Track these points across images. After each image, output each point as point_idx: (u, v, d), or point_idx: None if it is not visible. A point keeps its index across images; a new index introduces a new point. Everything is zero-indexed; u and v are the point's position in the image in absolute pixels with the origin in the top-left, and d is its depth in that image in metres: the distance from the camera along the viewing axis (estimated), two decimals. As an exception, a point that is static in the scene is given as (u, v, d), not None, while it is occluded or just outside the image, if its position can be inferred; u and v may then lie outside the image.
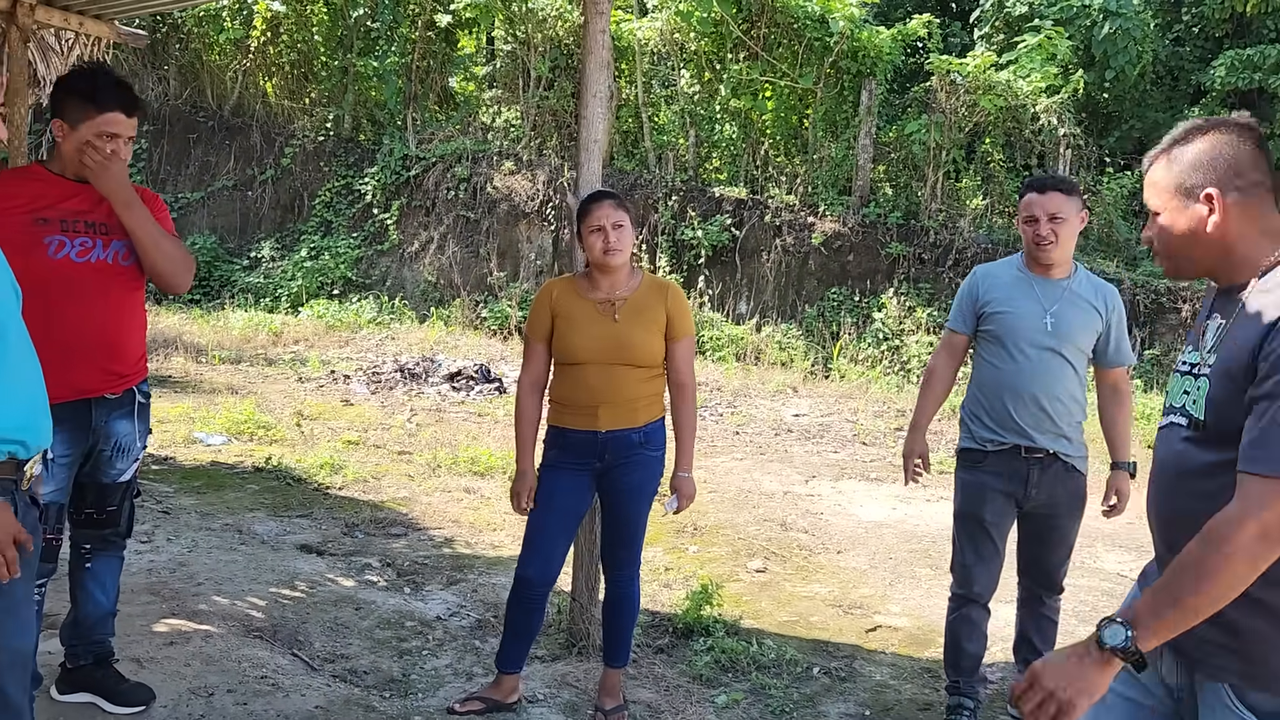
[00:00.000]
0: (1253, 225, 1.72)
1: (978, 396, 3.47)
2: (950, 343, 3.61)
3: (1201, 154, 1.75)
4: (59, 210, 2.92)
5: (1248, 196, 1.72)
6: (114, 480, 3.12)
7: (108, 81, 2.96)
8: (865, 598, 4.77)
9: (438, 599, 4.46)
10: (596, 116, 3.96)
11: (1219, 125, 1.77)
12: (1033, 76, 10.84)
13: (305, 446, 6.78)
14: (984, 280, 3.50)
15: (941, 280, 10.60)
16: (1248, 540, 1.54)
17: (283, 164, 12.96)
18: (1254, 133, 1.76)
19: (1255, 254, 1.71)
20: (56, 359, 2.90)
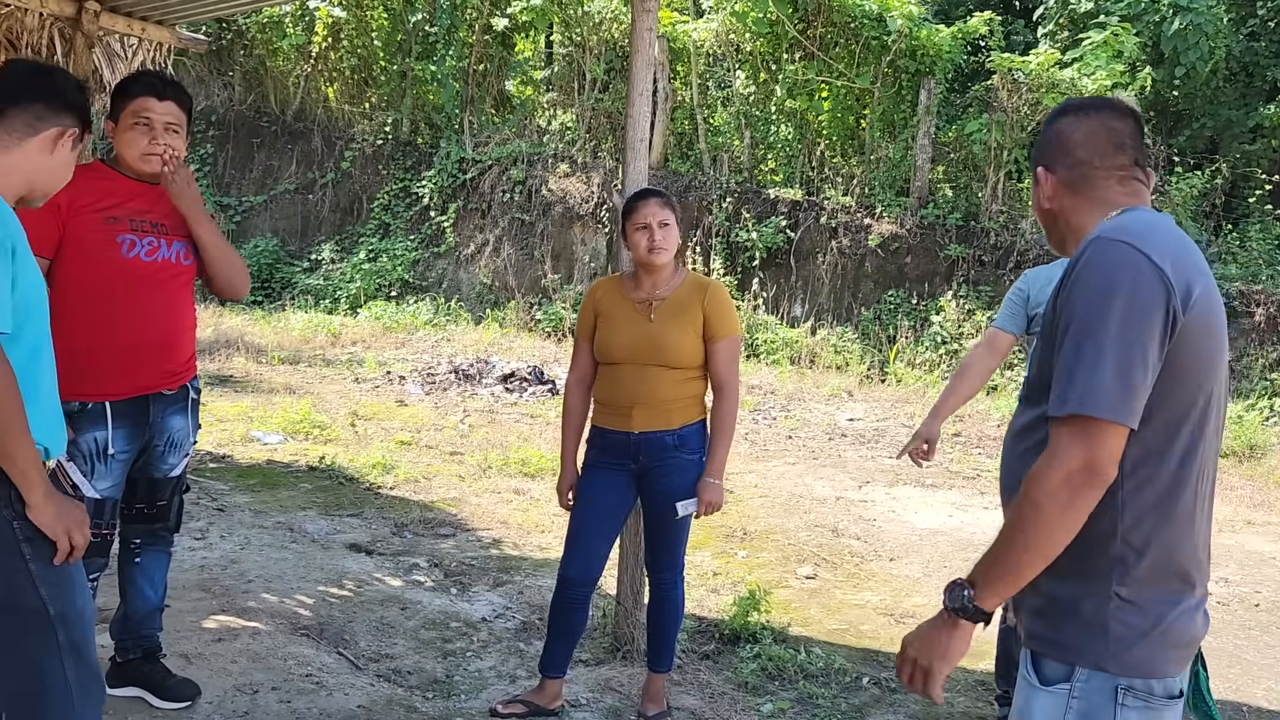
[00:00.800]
0: (1083, 202, 1.78)
1: None
2: (993, 340, 3.52)
3: (1051, 134, 1.84)
4: (125, 209, 2.98)
5: (1073, 174, 1.80)
6: (165, 475, 3.16)
7: (143, 74, 3.03)
8: (918, 607, 4.66)
9: (484, 600, 4.45)
10: (642, 115, 3.93)
11: (1072, 108, 1.85)
12: (1098, 74, 10.56)
13: (359, 446, 6.84)
14: (1035, 281, 3.40)
15: (1002, 283, 10.37)
16: (1054, 487, 1.53)
17: (343, 167, 13.15)
18: (1115, 112, 1.81)
19: (1088, 226, 1.75)
20: (124, 357, 2.95)
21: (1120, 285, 1.56)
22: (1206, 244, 10.75)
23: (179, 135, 3.06)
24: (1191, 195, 10.70)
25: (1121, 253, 1.58)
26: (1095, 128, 1.81)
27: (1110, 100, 1.88)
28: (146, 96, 2.98)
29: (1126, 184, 1.80)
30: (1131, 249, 1.59)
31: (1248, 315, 9.60)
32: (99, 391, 2.93)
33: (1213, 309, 1.67)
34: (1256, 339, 9.46)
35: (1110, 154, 1.79)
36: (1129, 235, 1.61)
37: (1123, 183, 1.79)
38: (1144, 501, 1.60)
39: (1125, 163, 1.80)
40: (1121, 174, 1.80)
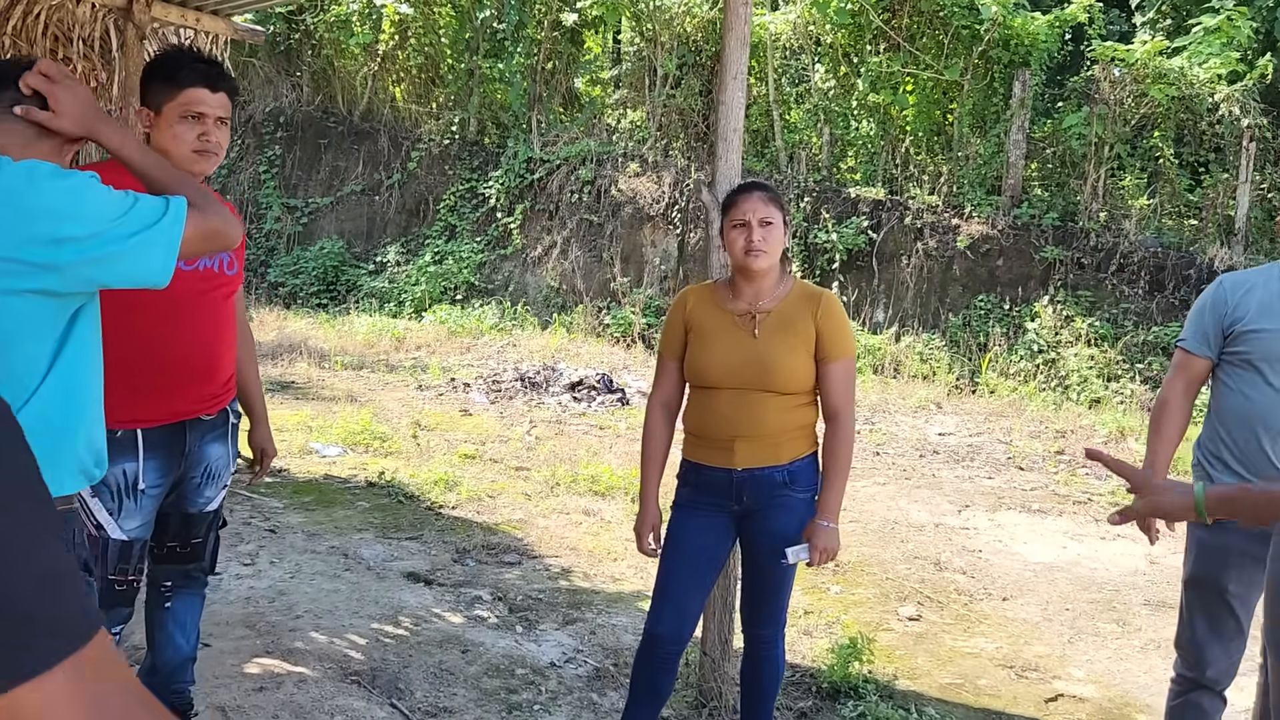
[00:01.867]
0: None
1: (1220, 434, 2.82)
2: (1187, 368, 2.93)
3: None
4: None
5: None
6: (201, 509, 2.78)
7: (189, 58, 2.62)
8: (1041, 658, 4.11)
9: (552, 640, 4.02)
10: (736, 102, 3.46)
11: None
12: (1210, 63, 9.81)
13: (420, 459, 6.48)
14: (1234, 291, 2.83)
15: (1103, 287, 9.68)
16: None
17: (409, 168, 12.90)
18: None
19: None
20: (158, 378, 2.57)
21: None
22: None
23: (226, 128, 2.67)
24: (1315, 193, 9.89)
25: None
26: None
27: None
28: (199, 87, 2.56)
29: None
30: None
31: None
32: (130, 418, 2.54)
33: None
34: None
35: None
36: None
37: None
38: None
39: None
40: None
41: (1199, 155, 10.27)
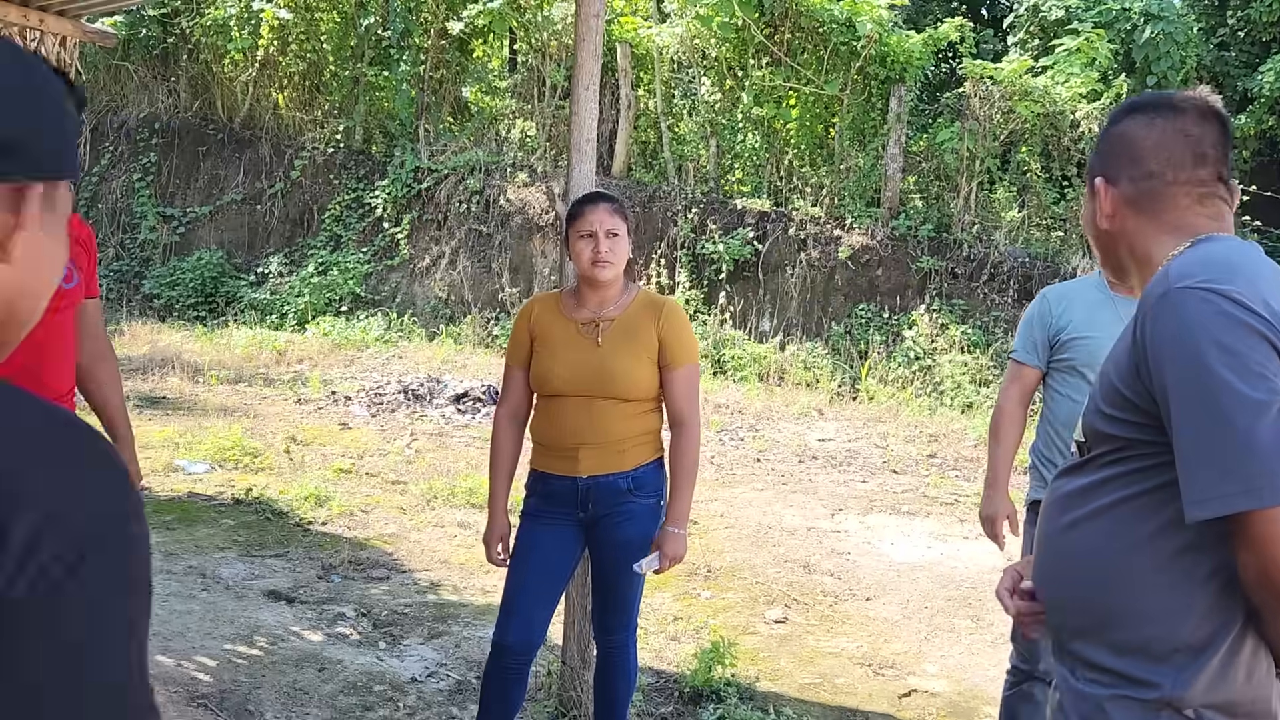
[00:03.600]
0: (1151, 224, 1.48)
1: (1052, 437, 2.96)
2: (1019, 377, 3.07)
3: (1112, 137, 1.54)
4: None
5: (1140, 189, 1.49)
6: None
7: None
8: (898, 655, 4.23)
9: (415, 655, 3.97)
10: (589, 112, 3.49)
11: (1144, 106, 1.53)
12: (1071, 82, 10.28)
13: (293, 475, 6.33)
14: (1056, 303, 2.98)
15: (976, 296, 10.04)
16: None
17: (292, 177, 12.60)
18: (1190, 114, 1.48)
19: (1156, 255, 1.46)
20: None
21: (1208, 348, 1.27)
22: (1184, 256, 10.47)
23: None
24: (1168, 206, 10.41)
25: (1199, 304, 1.30)
26: (1171, 132, 1.48)
27: (1191, 98, 1.50)
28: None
29: (1207, 203, 1.48)
30: (1215, 296, 1.29)
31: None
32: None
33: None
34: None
35: (1188, 165, 1.47)
36: (1207, 278, 1.31)
37: (1202, 202, 1.48)
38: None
39: (1206, 176, 1.47)
40: (1202, 191, 1.47)
41: (1064, 170, 10.73)
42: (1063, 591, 1.48)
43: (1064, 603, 1.49)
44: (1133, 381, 1.37)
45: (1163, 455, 1.34)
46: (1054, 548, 1.51)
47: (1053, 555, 1.51)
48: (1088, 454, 1.47)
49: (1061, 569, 1.49)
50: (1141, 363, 1.35)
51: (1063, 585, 1.48)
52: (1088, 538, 1.44)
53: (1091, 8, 11.76)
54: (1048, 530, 1.52)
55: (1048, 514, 1.53)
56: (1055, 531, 1.50)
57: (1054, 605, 1.51)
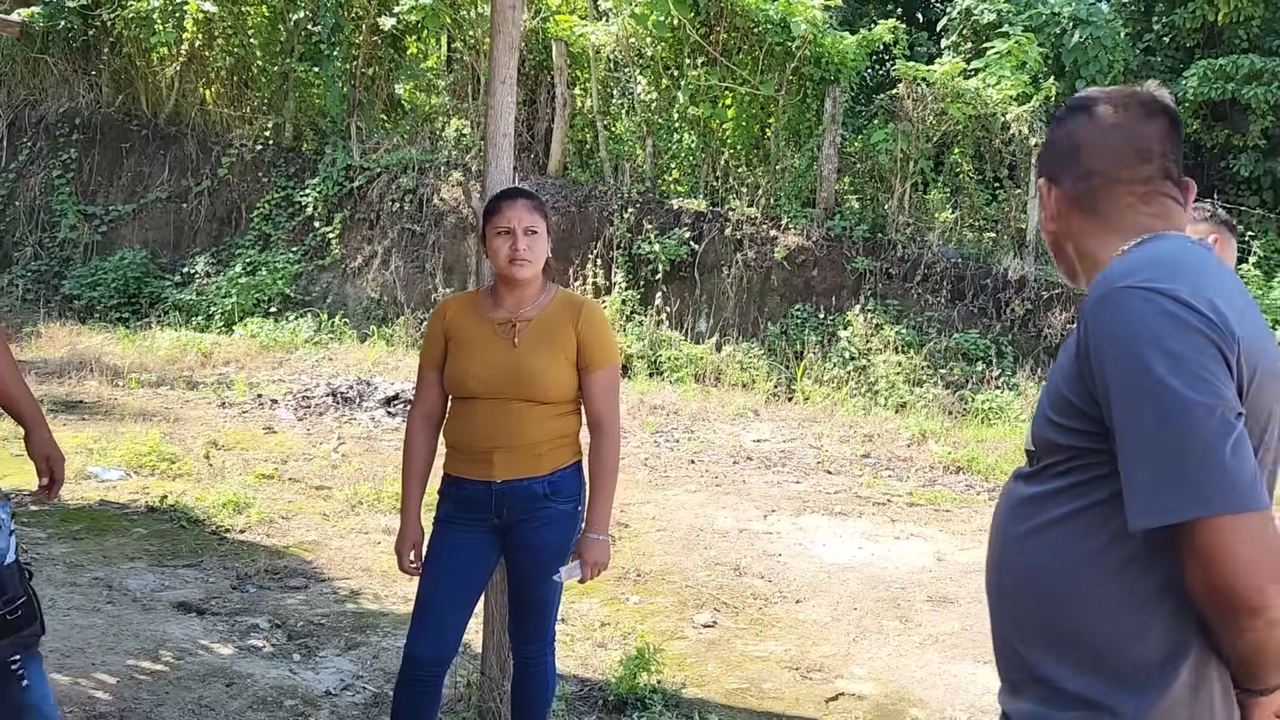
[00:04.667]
0: (1095, 224, 1.45)
1: None
2: None
3: (1055, 137, 1.52)
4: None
5: (1083, 188, 1.46)
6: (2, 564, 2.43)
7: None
8: (826, 658, 4.19)
9: (330, 668, 3.84)
10: (506, 106, 3.39)
11: (1085, 103, 1.49)
12: (1002, 84, 10.40)
13: (211, 481, 6.12)
14: None
15: (910, 296, 10.11)
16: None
17: (219, 174, 12.28)
18: (1134, 110, 1.46)
19: (1102, 255, 1.43)
20: None
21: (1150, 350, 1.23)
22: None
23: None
24: (1095, 207, 10.59)
25: (1141, 304, 1.26)
26: (1112, 129, 1.46)
27: (1136, 94, 1.46)
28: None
29: (1152, 202, 1.44)
30: (1157, 295, 1.26)
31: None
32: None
33: (1264, 347, 1.29)
34: (1162, 353, 9.34)
35: (1132, 163, 1.44)
36: (1149, 277, 1.28)
37: (1147, 200, 1.44)
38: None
39: (1151, 174, 1.44)
40: (1146, 189, 1.44)
41: (995, 171, 10.86)
42: (1021, 604, 1.42)
43: (1023, 615, 1.41)
44: (1077, 387, 1.32)
45: (1109, 465, 1.29)
46: (1011, 555, 1.44)
47: (1011, 563, 1.45)
48: (1038, 463, 1.41)
49: (1019, 580, 1.42)
50: (1085, 366, 1.30)
51: (1021, 597, 1.42)
52: (1040, 550, 1.38)
53: (1022, 12, 11.94)
54: (1006, 532, 1.46)
55: (1005, 515, 1.47)
56: (1011, 538, 1.44)
57: (1013, 615, 1.44)
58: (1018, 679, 1.42)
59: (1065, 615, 1.34)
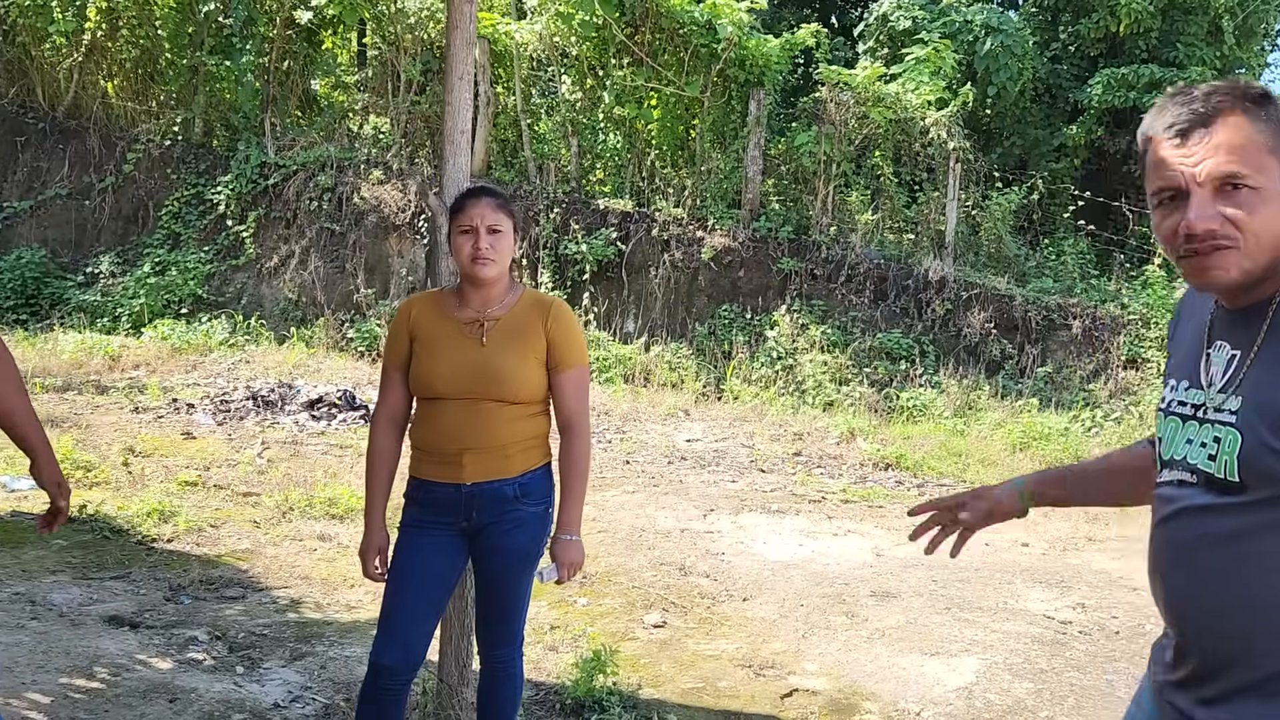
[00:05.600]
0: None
1: None
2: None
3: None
4: None
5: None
6: None
7: None
8: (777, 655, 4.21)
9: (277, 679, 3.71)
10: (463, 104, 3.33)
11: (1264, 92, 1.40)
12: (920, 90, 10.65)
13: (132, 490, 5.87)
14: None
15: (834, 297, 10.27)
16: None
17: (125, 171, 11.80)
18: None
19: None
20: None
21: None
22: (1025, 258, 11.01)
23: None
24: (1009, 210, 10.93)
25: None
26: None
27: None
28: None
29: None
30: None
31: (1065, 327, 9.82)
32: None
33: None
34: (1074, 350, 9.68)
35: None
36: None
37: None
38: None
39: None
40: None
41: (914, 175, 11.11)
42: (1255, 622, 1.35)
43: (1256, 631, 1.35)
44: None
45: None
46: (1241, 583, 1.36)
47: (1237, 590, 1.36)
48: (1254, 493, 1.33)
49: (1257, 606, 1.35)
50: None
51: (1258, 617, 1.35)
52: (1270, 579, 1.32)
53: (937, 19, 12.23)
54: (1216, 565, 1.38)
55: (1208, 549, 1.38)
56: (1232, 568, 1.36)
57: (1242, 633, 1.36)
58: (1238, 686, 1.37)
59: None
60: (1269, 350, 1.35)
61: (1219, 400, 1.39)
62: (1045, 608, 4.89)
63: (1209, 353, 1.45)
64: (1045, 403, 9.11)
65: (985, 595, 5.01)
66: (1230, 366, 1.40)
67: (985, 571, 5.39)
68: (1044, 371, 9.56)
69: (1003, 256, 10.79)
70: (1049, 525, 6.36)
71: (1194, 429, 1.42)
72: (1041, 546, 6.03)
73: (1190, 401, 1.45)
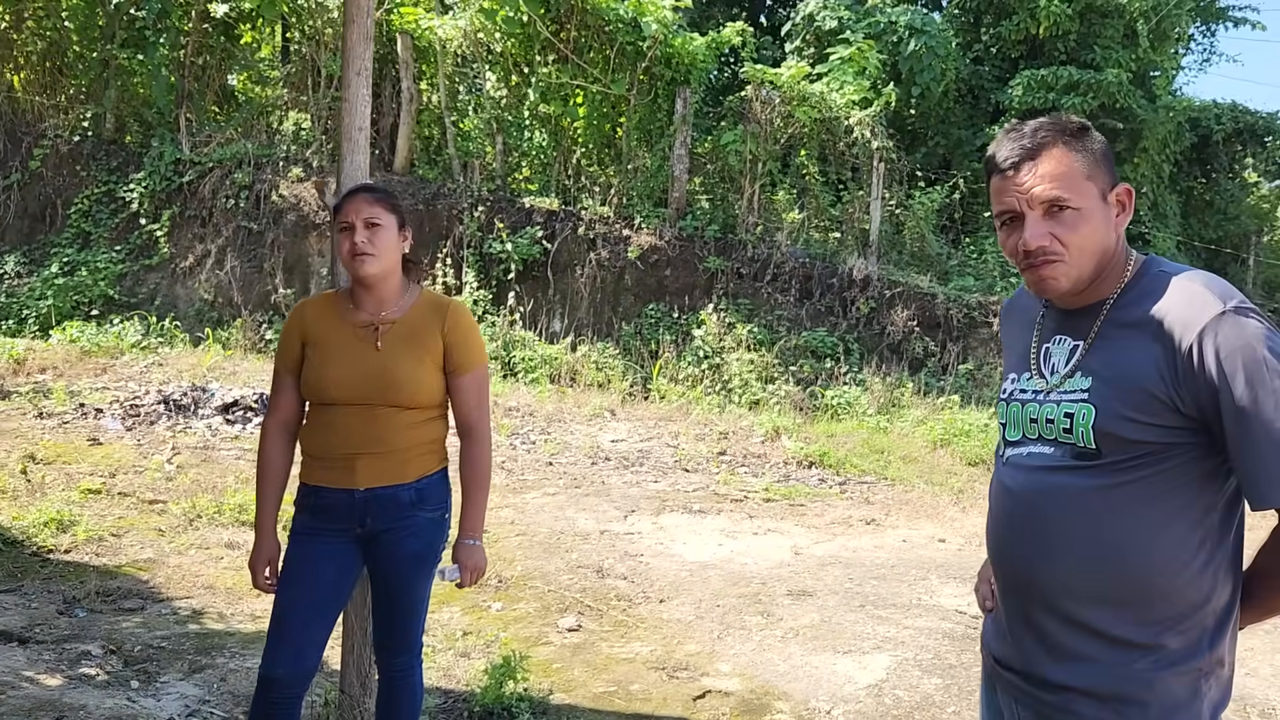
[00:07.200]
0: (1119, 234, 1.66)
1: None
2: None
3: (1104, 149, 1.64)
4: None
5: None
6: None
7: None
8: (691, 656, 4.19)
9: (173, 693, 3.58)
10: (360, 99, 3.23)
11: (1082, 125, 1.66)
12: (845, 89, 10.74)
13: (30, 499, 5.64)
14: None
15: (760, 295, 10.31)
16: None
17: (31, 167, 11.38)
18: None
19: (1120, 265, 1.64)
20: None
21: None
22: (947, 256, 11.17)
23: None
24: (932, 209, 11.08)
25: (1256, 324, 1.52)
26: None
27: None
28: None
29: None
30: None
31: (986, 325, 9.99)
32: None
33: None
34: (995, 348, 9.85)
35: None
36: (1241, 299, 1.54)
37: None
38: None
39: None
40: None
41: (840, 174, 11.21)
42: (1083, 574, 1.58)
43: (1084, 584, 1.58)
44: (1177, 390, 1.50)
45: (1197, 455, 1.53)
46: (1071, 534, 1.59)
47: (1068, 540, 1.60)
48: (1101, 458, 1.56)
49: (1086, 556, 1.58)
50: (1192, 373, 1.49)
51: (1083, 570, 1.58)
52: (1117, 529, 1.55)
53: (862, 20, 12.37)
54: (1054, 516, 1.61)
55: (1052, 501, 1.61)
56: (1068, 521, 1.59)
57: (1066, 586, 1.60)
58: (1064, 641, 1.60)
59: (1142, 581, 1.55)
60: (1103, 341, 1.60)
61: (1065, 383, 1.62)
62: (958, 603, 4.94)
63: (1048, 346, 1.69)
64: (966, 399, 9.26)
65: (900, 592, 5.05)
66: (1074, 355, 1.63)
67: (901, 568, 5.43)
68: (965, 369, 9.71)
69: (925, 255, 10.94)
70: (965, 520, 6.46)
71: (1035, 410, 1.65)
72: (958, 542, 6.11)
73: (1031, 389, 1.68)
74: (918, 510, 6.75)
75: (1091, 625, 1.58)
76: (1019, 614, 1.67)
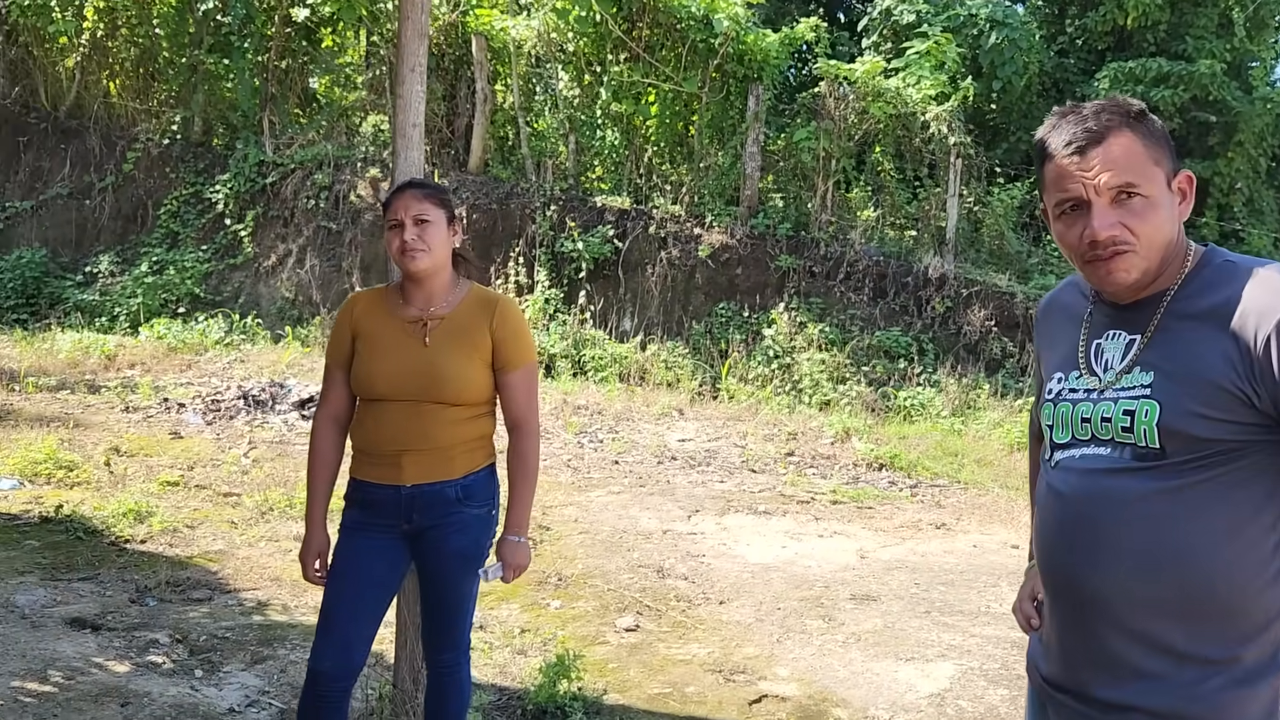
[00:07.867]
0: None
1: None
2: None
3: (1165, 133, 1.54)
4: None
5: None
6: None
7: None
8: (749, 659, 4.13)
9: (235, 683, 3.65)
10: (415, 96, 3.26)
11: (1142, 108, 1.55)
12: (922, 84, 10.51)
13: (112, 489, 5.84)
14: None
15: (833, 294, 10.16)
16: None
17: (125, 170, 11.80)
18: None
19: (1180, 256, 1.54)
20: None
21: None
22: (1027, 254, 10.86)
23: None
24: (1013, 206, 10.79)
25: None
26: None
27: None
28: None
29: None
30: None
31: (1067, 325, 9.66)
32: None
33: None
34: (1076, 349, 9.52)
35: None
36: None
37: None
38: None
39: None
40: None
41: (915, 170, 10.97)
42: (1147, 587, 1.48)
43: (1147, 598, 1.48)
44: (1253, 384, 1.40)
45: (1269, 455, 1.42)
46: (1138, 543, 1.49)
47: (1136, 551, 1.49)
48: (1166, 458, 1.46)
49: (1150, 565, 1.48)
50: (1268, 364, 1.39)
51: (1150, 582, 1.48)
52: (1187, 536, 1.45)
53: (941, 13, 12.09)
54: (1117, 523, 1.50)
55: (1114, 509, 1.50)
56: (1133, 528, 1.49)
57: (1128, 600, 1.50)
58: (1126, 658, 1.49)
59: (1209, 591, 1.44)
60: (1164, 334, 1.49)
61: (1122, 380, 1.51)
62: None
63: (1099, 343, 1.58)
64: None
65: (968, 599, 4.91)
66: (1131, 349, 1.53)
67: (970, 574, 5.28)
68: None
69: (1004, 253, 10.65)
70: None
71: (1089, 409, 1.54)
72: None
73: (1083, 387, 1.57)
74: (991, 515, 6.56)
75: (1158, 640, 1.47)
76: (1074, 629, 1.56)
